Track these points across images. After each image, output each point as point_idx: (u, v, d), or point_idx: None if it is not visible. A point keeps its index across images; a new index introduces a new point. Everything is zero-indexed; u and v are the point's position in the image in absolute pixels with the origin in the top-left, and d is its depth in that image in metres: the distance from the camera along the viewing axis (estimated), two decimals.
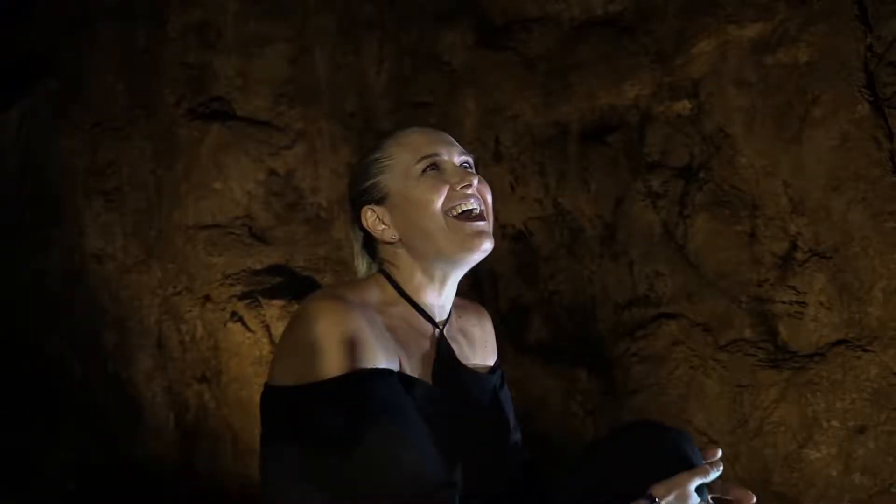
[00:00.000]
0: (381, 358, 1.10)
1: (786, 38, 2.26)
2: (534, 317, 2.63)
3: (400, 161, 1.24)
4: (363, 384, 1.07)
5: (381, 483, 1.05)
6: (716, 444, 2.30)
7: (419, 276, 1.25)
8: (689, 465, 1.15)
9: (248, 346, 2.82)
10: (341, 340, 1.07)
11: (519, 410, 1.42)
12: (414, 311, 1.24)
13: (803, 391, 2.24)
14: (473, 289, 2.57)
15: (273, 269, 2.87)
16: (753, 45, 2.30)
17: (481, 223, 1.23)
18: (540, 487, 1.30)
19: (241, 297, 2.84)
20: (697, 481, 1.14)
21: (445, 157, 1.25)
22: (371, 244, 1.29)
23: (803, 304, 2.25)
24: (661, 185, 2.43)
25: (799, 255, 2.26)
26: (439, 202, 1.20)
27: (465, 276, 1.34)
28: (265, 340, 2.80)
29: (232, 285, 2.86)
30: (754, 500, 1.22)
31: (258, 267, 2.87)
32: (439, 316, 1.28)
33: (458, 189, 1.21)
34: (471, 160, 1.28)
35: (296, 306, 2.78)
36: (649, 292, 2.46)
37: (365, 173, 1.27)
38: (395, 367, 1.12)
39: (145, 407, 2.94)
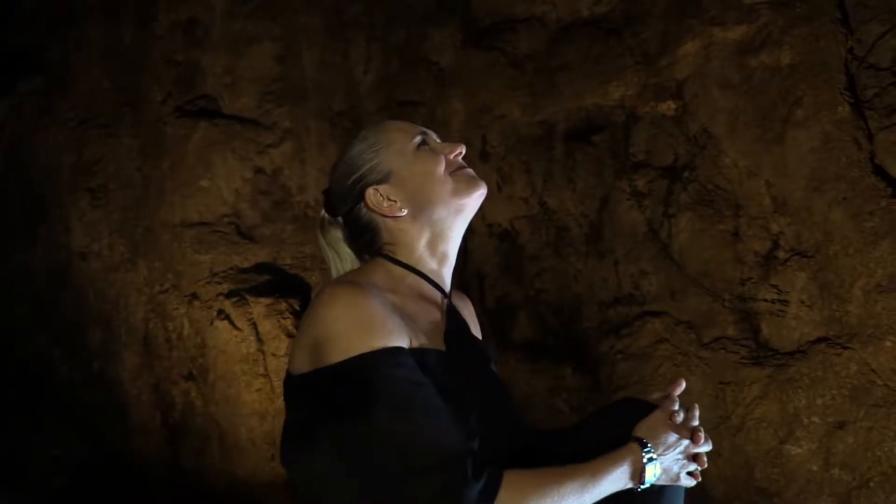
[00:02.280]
0: (393, 337, 1.15)
1: (769, 41, 2.29)
2: (520, 315, 2.65)
3: (392, 142, 1.32)
4: (376, 363, 1.11)
5: (399, 457, 1.09)
6: None
7: (422, 248, 1.32)
8: None
9: (234, 344, 2.82)
10: (354, 323, 1.13)
11: None
12: (422, 281, 1.31)
13: (784, 388, 2.27)
14: (460, 288, 2.59)
15: (260, 268, 2.87)
16: (737, 47, 2.32)
17: (471, 171, 1.34)
18: (538, 457, 1.35)
19: (228, 295, 2.84)
20: (668, 413, 1.23)
21: (429, 135, 1.35)
22: (362, 234, 1.33)
23: (785, 302, 2.28)
24: (646, 184, 2.46)
25: (781, 255, 2.29)
26: (441, 167, 1.30)
27: (453, 276, 1.38)
28: (252, 338, 2.80)
29: (219, 283, 2.86)
30: (683, 384, 1.31)
31: (245, 265, 2.87)
32: (445, 280, 1.35)
33: (451, 157, 1.32)
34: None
35: (282, 304, 2.79)
36: (634, 291, 2.48)
37: (357, 163, 1.32)
38: (405, 343, 1.17)
39: (132, 405, 2.94)
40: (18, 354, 3.06)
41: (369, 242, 1.34)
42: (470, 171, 1.33)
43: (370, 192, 1.29)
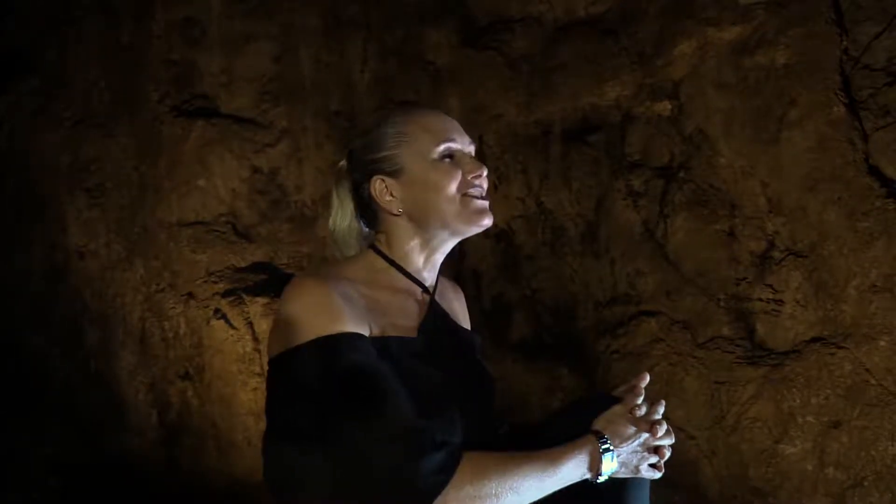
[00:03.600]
0: (350, 324, 1.18)
1: (764, 41, 2.29)
2: (516, 314, 2.65)
3: (418, 140, 1.30)
4: (334, 345, 1.15)
5: (355, 431, 1.12)
6: (694, 439, 2.34)
7: (412, 246, 1.33)
8: None
9: (231, 344, 2.82)
10: (313, 309, 1.16)
11: (501, 407, 1.46)
12: (403, 277, 1.32)
13: (779, 387, 2.28)
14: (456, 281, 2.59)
15: (257, 267, 2.87)
16: (732, 48, 2.33)
17: (486, 201, 1.33)
18: (511, 439, 1.38)
19: (225, 294, 2.84)
20: (629, 407, 1.25)
21: (459, 146, 1.32)
22: (366, 211, 1.35)
23: (780, 301, 2.29)
24: (642, 184, 2.46)
25: (776, 254, 2.30)
26: (453, 187, 1.29)
27: (441, 270, 1.41)
28: (248, 338, 2.80)
29: (215, 282, 2.86)
30: (647, 378, 1.32)
31: (242, 264, 2.87)
32: (428, 279, 1.36)
33: (469, 178, 1.30)
34: (473, 148, 1.36)
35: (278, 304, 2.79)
36: (630, 290, 2.49)
37: (379, 144, 1.32)
38: (365, 331, 1.20)
39: (128, 404, 2.94)
40: (15, 353, 3.06)
41: (369, 222, 1.37)
42: (481, 202, 1.32)
43: (377, 180, 1.31)
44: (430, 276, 1.37)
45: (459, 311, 1.48)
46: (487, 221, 1.32)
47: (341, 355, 1.15)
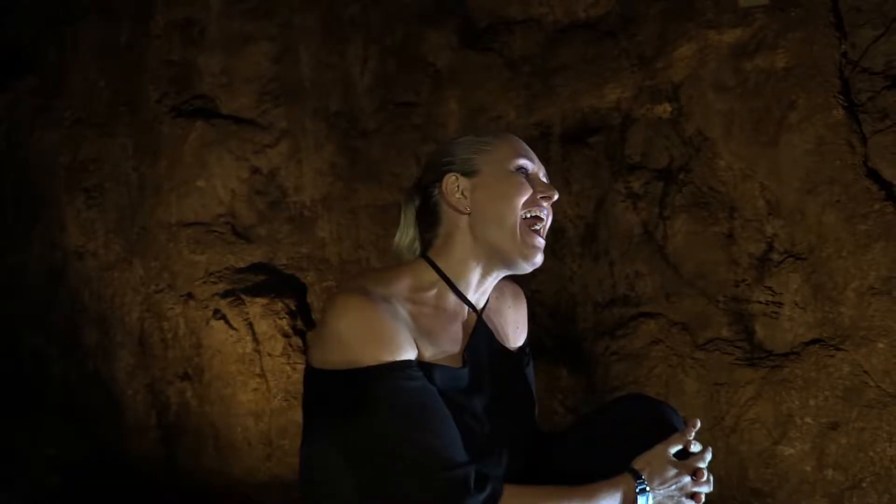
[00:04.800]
0: (400, 351, 1.17)
1: (764, 44, 2.30)
2: None
3: (498, 150, 1.33)
4: (382, 375, 1.14)
5: (400, 462, 1.12)
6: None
7: (467, 257, 1.31)
8: (670, 433, 1.26)
9: (230, 344, 2.82)
10: (364, 335, 1.15)
11: None
12: (451, 294, 1.31)
13: (778, 389, 2.28)
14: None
15: (256, 268, 2.87)
16: (732, 51, 2.34)
17: (542, 240, 1.32)
18: (543, 461, 1.38)
19: (224, 294, 2.84)
20: (673, 449, 1.25)
21: (535, 168, 1.35)
22: (426, 213, 1.34)
23: (779, 304, 2.30)
24: (642, 186, 2.47)
25: (775, 256, 2.31)
26: (521, 199, 1.29)
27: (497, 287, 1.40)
28: (248, 338, 2.80)
29: (215, 283, 2.86)
30: (698, 424, 1.32)
31: (241, 265, 2.87)
32: (477, 302, 1.35)
33: (538, 197, 1.31)
34: (546, 180, 1.38)
35: (278, 304, 2.79)
36: (629, 292, 2.49)
37: (459, 148, 1.34)
38: (413, 356, 1.19)
39: (127, 405, 2.94)
40: (14, 354, 3.06)
41: (429, 226, 1.35)
42: (540, 241, 1.31)
43: (450, 176, 1.31)
44: (480, 298, 1.36)
45: (514, 321, 1.47)
46: (537, 260, 1.31)
47: (390, 385, 1.14)
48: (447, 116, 2.69)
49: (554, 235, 2.62)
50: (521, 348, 1.47)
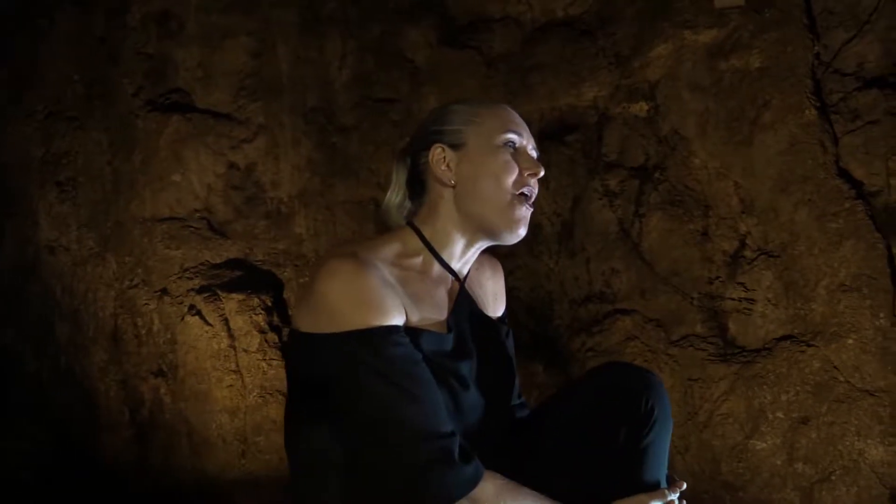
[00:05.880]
0: (389, 315, 1.17)
1: (739, 45, 2.34)
2: None
3: (487, 123, 1.31)
4: (371, 340, 1.14)
5: (384, 433, 1.12)
6: None
7: (452, 228, 1.31)
8: (647, 417, 1.27)
9: (206, 340, 2.80)
10: (352, 298, 1.15)
11: None
12: (435, 262, 1.31)
13: (750, 384, 2.32)
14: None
15: (232, 263, 2.85)
16: (708, 51, 2.37)
17: (529, 210, 1.32)
18: (525, 431, 1.39)
19: (200, 290, 2.81)
20: (657, 503, 1.26)
21: (524, 142, 1.33)
22: (414, 180, 1.34)
23: (752, 300, 2.33)
24: (618, 184, 2.49)
25: (748, 254, 2.34)
26: (509, 179, 1.28)
27: (480, 256, 1.39)
28: (224, 334, 2.78)
29: (190, 279, 2.83)
30: (684, 485, 1.32)
31: (217, 261, 2.84)
32: (460, 271, 1.35)
33: (525, 175, 1.30)
34: (535, 154, 1.37)
35: (255, 300, 2.78)
36: (605, 289, 2.51)
37: (448, 118, 1.33)
38: (401, 321, 1.19)
39: (99, 401, 2.90)
40: None
41: (416, 193, 1.35)
42: (525, 211, 1.31)
43: (437, 148, 1.31)
44: (462, 267, 1.36)
45: (493, 292, 1.47)
46: (522, 232, 1.31)
47: (378, 350, 1.13)
48: (425, 113, 2.67)
49: (531, 232, 2.61)
50: (500, 318, 1.47)
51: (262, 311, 2.79)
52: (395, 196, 1.37)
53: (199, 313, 2.80)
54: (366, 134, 2.74)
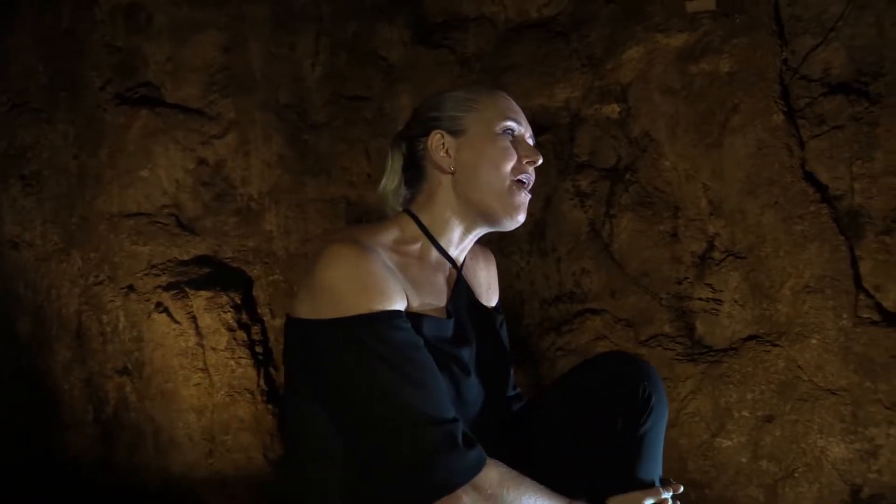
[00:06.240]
0: (391, 300, 1.16)
1: (709, 49, 2.37)
2: None
3: (486, 110, 1.31)
4: (374, 325, 1.13)
5: (387, 418, 1.12)
6: None
7: (450, 215, 1.31)
8: (644, 405, 1.29)
9: (173, 338, 2.76)
10: (354, 283, 1.14)
11: None
12: (433, 249, 1.31)
13: (717, 383, 2.36)
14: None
15: (200, 260, 2.81)
16: (679, 54, 2.40)
17: (528, 197, 1.32)
18: (522, 421, 1.40)
19: (167, 287, 2.77)
20: (650, 501, 1.28)
21: (523, 130, 1.34)
22: (411, 166, 1.34)
23: (719, 301, 2.37)
24: (589, 185, 2.51)
25: (716, 255, 2.38)
26: (508, 166, 1.29)
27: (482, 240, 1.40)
28: (191, 332, 2.75)
29: (157, 275, 2.79)
30: (681, 489, 1.34)
31: (185, 257, 2.81)
32: (458, 258, 1.35)
33: (524, 162, 1.31)
34: (532, 142, 1.37)
35: (223, 298, 2.75)
36: (575, 289, 2.53)
37: (447, 104, 1.33)
38: (403, 307, 1.18)
39: (63, 400, 2.84)
40: None
41: (413, 180, 1.35)
42: (524, 197, 1.31)
43: (436, 134, 1.31)
44: (459, 255, 1.36)
45: (486, 282, 1.47)
46: (521, 218, 1.31)
47: (381, 335, 1.13)
48: (398, 111, 2.69)
49: (502, 232, 2.64)
50: (495, 308, 1.48)
51: (231, 309, 2.76)
52: (391, 182, 1.37)
53: (166, 311, 2.76)
54: (338, 131, 2.73)
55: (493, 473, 1.15)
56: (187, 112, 2.78)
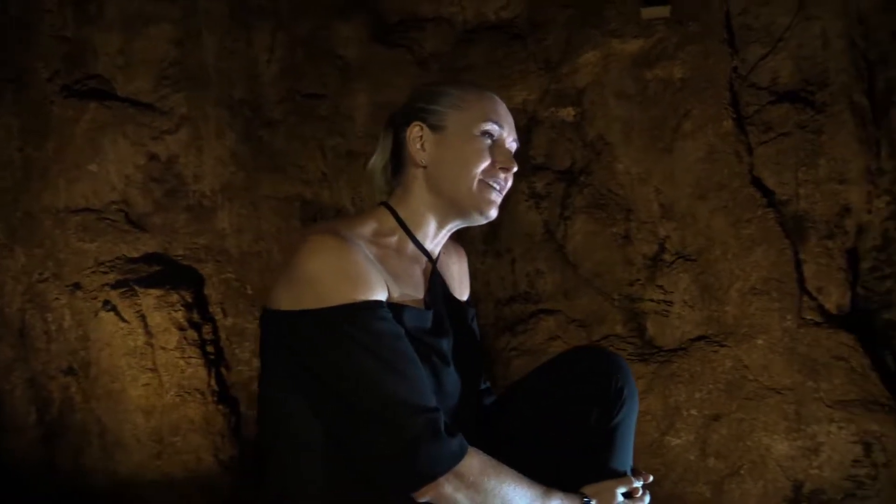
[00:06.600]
0: (374, 291, 1.17)
1: (663, 55, 2.43)
2: None
3: (470, 110, 1.31)
4: (357, 315, 1.14)
5: (371, 408, 1.12)
6: None
7: (425, 209, 1.32)
8: (617, 397, 1.33)
9: (120, 337, 2.70)
10: (337, 273, 1.15)
11: None
12: (410, 242, 1.32)
13: (667, 383, 2.41)
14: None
15: (150, 258, 2.75)
16: (634, 60, 2.45)
17: (498, 197, 1.33)
18: (496, 413, 1.43)
19: (115, 285, 2.71)
20: (622, 489, 1.32)
21: (504, 135, 1.34)
22: (395, 155, 1.35)
23: (669, 302, 2.42)
24: (545, 186, 2.54)
25: (667, 257, 2.43)
26: (479, 168, 1.29)
27: (455, 237, 1.41)
28: (140, 331, 2.69)
29: (105, 273, 2.73)
30: (650, 478, 1.40)
31: (134, 255, 2.74)
32: (433, 252, 1.36)
33: (497, 168, 1.31)
34: (515, 146, 1.38)
35: (174, 296, 2.70)
36: (529, 289, 2.56)
37: (434, 98, 1.33)
38: (384, 297, 1.19)
39: (4, 401, 2.75)
40: None
41: (394, 169, 1.36)
42: (495, 195, 1.32)
43: (416, 125, 1.31)
44: (434, 248, 1.37)
45: (458, 277, 1.48)
46: (492, 214, 1.32)
47: (364, 325, 1.13)
48: (354, 110, 2.68)
49: (457, 232, 2.65)
50: (467, 301, 1.49)
51: (182, 308, 2.71)
52: (379, 161, 1.38)
53: (114, 309, 2.70)
54: (293, 129, 2.70)
55: (474, 462, 1.17)
56: (138, 106, 2.72)
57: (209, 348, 2.74)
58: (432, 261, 1.36)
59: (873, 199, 2.31)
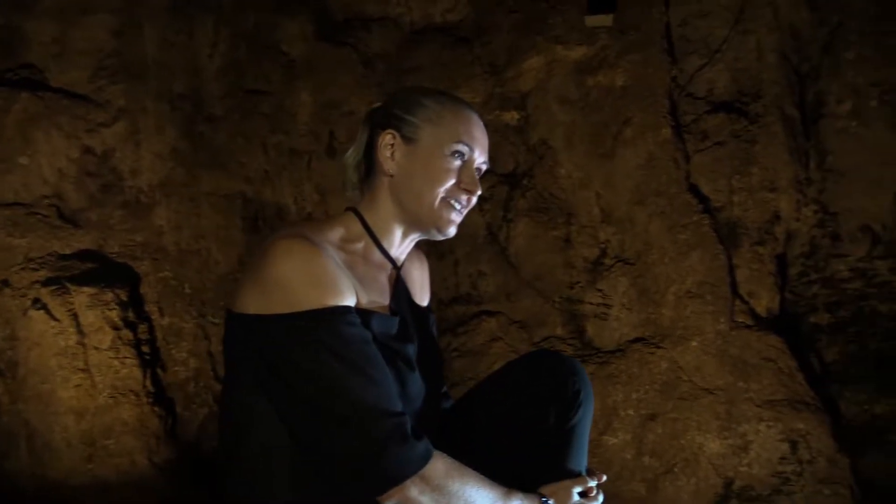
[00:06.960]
0: (343, 296, 1.16)
1: (606, 63, 2.48)
2: None
3: (446, 128, 1.30)
4: (326, 319, 1.13)
5: (338, 412, 1.12)
6: None
7: (391, 218, 1.32)
8: (574, 399, 1.34)
9: (51, 336, 2.61)
10: (306, 278, 1.14)
11: None
12: (375, 249, 1.31)
13: (605, 383, 2.46)
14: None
15: (84, 255, 2.67)
16: (577, 66, 2.49)
17: (458, 217, 1.33)
18: (456, 416, 1.44)
19: (46, 282, 2.62)
20: (578, 488, 1.34)
21: (474, 156, 1.32)
22: (367, 156, 1.35)
23: (608, 305, 2.47)
24: (488, 189, 2.57)
25: (607, 261, 2.49)
26: (443, 187, 1.29)
27: (416, 246, 1.41)
28: (72, 330, 2.61)
29: (35, 270, 2.63)
30: (604, 478, 1.42)
31: (67, 251, 2.66)
32: (398, 259, 1.36)
33: (460, 188, 1.30)
34: (485, 167, 1.36)
35: (108, 294, 2.63)
36: (472, 291, 2.58)
37: (411, 108, 1.31)
38: (353, 301, 1.19)
39: None
40: None
41: (365, 172, 1.36)
42: (455, 215, 1.32)
43: (388, 134, 1.30)
44: (400, 256, 1.37)
45: (420, 283, 1.49)
46: (450, 232, 1.32)
47: (334, 330, 1.13)
48: (298, 107, 2.66)
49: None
50: (427, 307, 1.50)
51: (117, 306, 2.64)
52: (353, 157, 1.38)
53: (44, 307, 2.61)
54: (235, 125, 2.66)
55: (439, 465, 1.18)
56: (73, 97, 2.64)
57: (144, 348, 2.68)
58: (397, 268, 1.37)
59: (802, 207, 2.40)
